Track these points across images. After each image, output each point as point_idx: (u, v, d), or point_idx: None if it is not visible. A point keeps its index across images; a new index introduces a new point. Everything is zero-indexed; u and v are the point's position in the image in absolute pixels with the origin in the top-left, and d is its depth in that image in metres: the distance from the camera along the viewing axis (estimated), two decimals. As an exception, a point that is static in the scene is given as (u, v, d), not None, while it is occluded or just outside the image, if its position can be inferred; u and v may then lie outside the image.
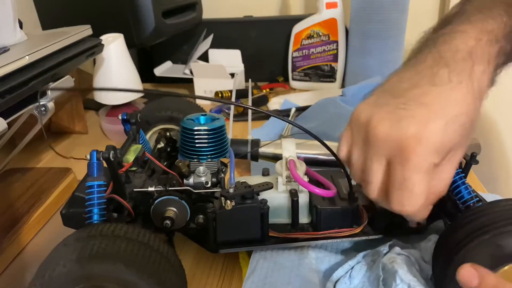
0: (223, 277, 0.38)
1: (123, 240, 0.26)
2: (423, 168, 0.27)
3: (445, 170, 0.29)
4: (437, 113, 0.27)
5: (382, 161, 0.28)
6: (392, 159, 0.27)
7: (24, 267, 0.41)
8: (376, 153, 0.28)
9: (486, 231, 0.29)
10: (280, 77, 0.88)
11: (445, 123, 0.26)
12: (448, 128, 0.27)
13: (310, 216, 0.38)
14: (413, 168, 0.26)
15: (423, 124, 0.26)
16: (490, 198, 0.35)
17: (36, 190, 0.48)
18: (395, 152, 0.27)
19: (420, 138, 0.26)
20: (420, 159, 0.26)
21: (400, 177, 0.27)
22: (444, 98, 0.27)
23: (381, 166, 0.28)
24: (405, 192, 0.27)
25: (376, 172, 0.28)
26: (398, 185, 0.27)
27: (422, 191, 0.27)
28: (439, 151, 0.27)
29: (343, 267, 0.35)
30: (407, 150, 0.26)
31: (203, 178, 0.35)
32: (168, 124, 0.45)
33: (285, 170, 0.37)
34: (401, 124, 0.27)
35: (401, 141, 0.26)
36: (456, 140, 0.27)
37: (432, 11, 0.93)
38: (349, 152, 0.31)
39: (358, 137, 0.29)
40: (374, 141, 0.28)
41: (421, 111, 0.27)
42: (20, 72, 0.42)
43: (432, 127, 0.26)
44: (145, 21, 0.69)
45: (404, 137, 0.26)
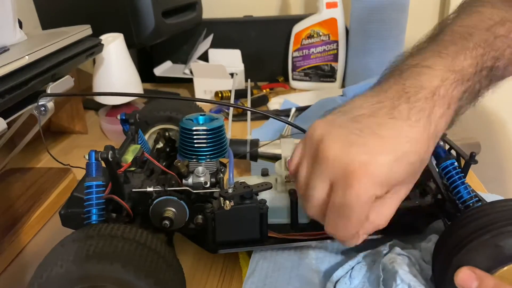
0: (223, 277, 0.38)
1: (120, 240, 0.26)
2: (364, 198, 0.26)
3: (386, 204, 0.29)
4: (389, 147, 0.26)
5: (326, 181, 0.28)
6: (335, 182, 0.27)
7: (24, 267, 0.41)
8: (322, 173, 0.28)
9: (485, 231, 0.28)
10: (280, 77, 0.88)
11: (395, 159, 0.26)
12: (396, 164, 0.26)
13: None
14: (354, 196, 0.26)
15: (372, 155, 0.26)
16: (490, 198, 0.35)
17: (35, 190, 0.48)
18: (340, 176, 0.26)
19: (367, 168, 0.26)
20: (362, 188, 0.26)
21: (339, 202, 0.27)
22: (399, 133, 0.27)
23: (324, 186, 0.28)
24: (341, 218, 0.27)
25: (318, 191, 0.28)
26: (336, 209, 0.27)
27: (358, 220, 0.27)
28: (383, 184, 0.26)
29: (343, 267, 0.35)
30: (352, 177, 0.26)
31: (202, 178, 0.35)
32: (167, 124, 0.45)
33: (284, 170, 0.37)
34: (351, 150, 0.26)
35: (347, 166, 0.26)
36: (402, 177, 0.27)
37: (432, 11, 0.93)
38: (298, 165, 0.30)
39: (308, 153, 0.29)
40: (322, 160, 0.27)
41: (374, 141, 0.26)
42: (20, 72, 0.42)
43: (381, 159, 0.26)
44: (145, 21, 0.69)
45: (351, 163, 0.26)
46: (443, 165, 0.35)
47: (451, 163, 0.35)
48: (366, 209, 0.27)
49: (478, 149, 0.51)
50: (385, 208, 0.29)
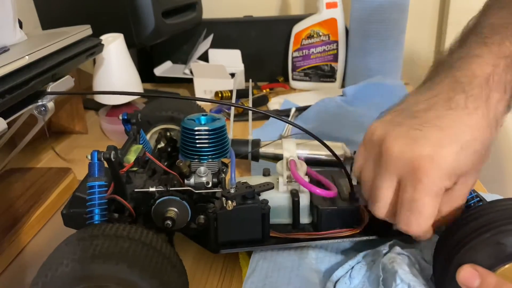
0: (223, 277, 0.38)
1: (126, 240, 0.26)
2: (434, 191, 0.27)
3: (456, 195, 0.29)
4: (452, 137, 0.27)
5: (393, 180, 0.28)
6: (403, 179, 0.27)
7: (24, 267, 0.41)
8: (388, 171, 0.28)
9: (486, 230, 0.29)
10: (280, 77, 0.88)
11: (460, 148, 0.26)
12: (462, 153, 0.27)
13: (311, 216, 0.38)
14: (424, 189, 0.26)
15: (437, 147, 0.26)
16: (490, 198, 0.35)
17: (36, 190, 0.48)
18: (407, 171, 0.27)
19: (433, 160, 0.26)
20: (432, 181, 0.26)
21: (410, 198, 0.27)
22: (459, 123, 0.27)
23: (391, 185, 0.28)
24: (414, 213, 0.27)
25: (386, 191, 0.28)
26: (407, 205, 0.27)
27: (431, 214, 0.27)
28: (451, 175, 0.27)
29: (343, 267, 0.35)
30: (420, 171, 0.26)
31: (204, 178, 0.35)
32: (169, 124, 0.45)
33: (286, 170, 0.37)
34: (415, 145, 0.27)
35: (414, 161, 0.26)
36: (468, 166, 0.27)
37: (432, 11, 0.93)
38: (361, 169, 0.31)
39: (371, 154, 0.29)
40: (387, 159, 0.28)
41: (437, 133, 0.27)
42: (20, 72, 0.42)
43: (447, 150, 0.26)
44: (145, 21, 0.69)
45: (418, 158, 0.26)
46: (444, 165, 0.35)
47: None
48: (438, 202, 0.27)
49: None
50: (456, 199, 0.29)
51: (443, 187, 0.27)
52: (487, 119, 0.27)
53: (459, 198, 0.29)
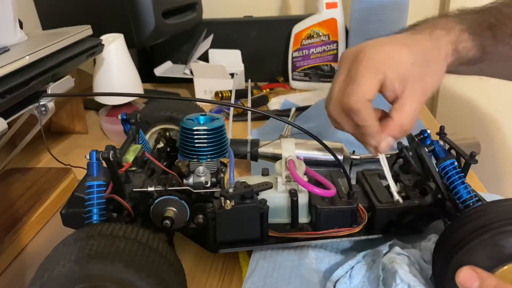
0: (223, 277, 0.38)
1: (122, 240, 0.26)
2: (372, 68, 0.33)
3: (406, 102, 0.34)
4: (398, 41, 0.35)
5: (344, 72, 0.35)
6: (351, 67, 0.34)
7: (24, 267, 0.41)
8: (341, 67, 0.35)
9: (485, 230, 0.29)
10: (280, 77, 0.88)
11: (400, 45, 0.34)
12: (402, 49, 0.34)
13: (310, 216, 0.38)
14: (363, 64, 0.33)
15: (383, 43, 0.34)
16: (490, 198, 0.35)
17: (36, 190, 0.48)
18: (354, 59, 0.34)
19: (376, 47, 0.34)
20: (371, 59, 0.33)
21: (353, 73, 0.33)
22: (408, 36, 0.36)
23: (342, 75, 0.35)
24: (352, 84, 0.33)
25: (337, 81, 0.35)
26: (350, 79, 0.33)
27: (366, 85, 0.33)
28: (389, 62, 0.33)
29: (343, 267, 0.35)
30: (362, 54, 0.33)
31: (202, 178, 0.35)
32: (168, 124, 0.45)
33: (285, 170, 0.37)
34: (365, 43, 0.34)
35: (360, 49, 0.34)
36: (408, 63, 0.33)
37: (432, 11, 0.93)
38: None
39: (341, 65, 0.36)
40: (342, 58, 0.36)
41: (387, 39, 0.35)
42: (20, 72, 0.42)
43: (389, 44, 0.34)
44: (145, 21, 0.69)
45: (363, 47, 0.34)
46: (443, 165, 0.35)
47: (451, 163, 0.35)
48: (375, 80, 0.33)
49: (478, 149, 0.51)
50: (407, 108, 0.34)
51: (380, 70, 0.32)
52: (431, 41, 0.35)
53: (409, 107, 0.34)
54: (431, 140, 0.38)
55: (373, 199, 0.37)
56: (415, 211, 0.37)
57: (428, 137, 0.38)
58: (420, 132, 0.39)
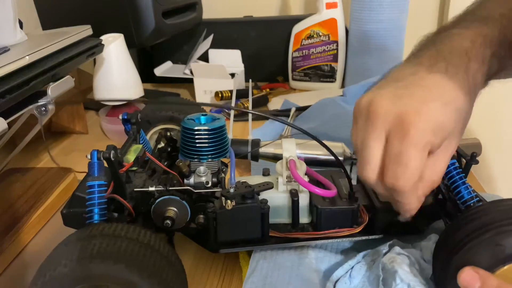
0: (223, 277, 0.38)
1: (124, 240, 0.26)
2: (420, 144, 0.27)
3: (439, 159, 0.30)
4: (435, 95, 0.28)
5: (381, 137, 0.29)
6: (390, 134, 0.28)
7: (24, 267, 0.41)
8: (375, 129, 0.29)
9: (486, 230, 0.29)
10: (280, 77, 0.88)
11: (443, 104, 0.28)
12: (446, 109, 0.28)
13: (311, 216, 0.38)
14: (410, 142, 0.27)
15: (423, 102, 0.28)
16: (490, 198, 0.35)
17: (36, 190, 0.48)
18: (394, 126, 0.28)
19: (419, 113, 0.27)
20: (418, 133, 0.27)
21: (397, 151, 0.28)
22: (441, 83, 0.29)
23: (379, 142, 0.29)
24: (400, 166, 0.28)
25: (374, 150, 0.29)
26: (394, 159, 0.28)
27: (417, 167, 0.28)
28: (436, 130, 0.28)
29: (343, 267, 0.35)
30: (407, 123, 0.27)
31: (203, 178, 0.35)
32: (169, 124, 0.45)
33: (286, 170, 0.37)
34: (401, 101, 0.28)
35: (401, 115, 0.27)
36: (451, 125, 0.29)
37: (432, 11, 0.93)
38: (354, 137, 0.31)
39: (360, 119, 0.30)
40: (374, 117, 0.29)
41: (421, 91, 0.28)
42: (20, 72, 0.42)
43: (432, 105, 0.28)
44: (145, 21, 0.69)
45: (404, 112, 0.27)
46: (443, 165, 0.35)
47: (452, 163, 0.35)
48: (424, 157, 0.28)
49: (479, 149, 0.51)
50: (438, 163, 0.30)
51: (429, 142, 0.28)
52: (467, 84, 0.29)
53: (442, 163, 0.30)
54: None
55: (374, 199, 0.37)
56: (416, 211, 0.37)
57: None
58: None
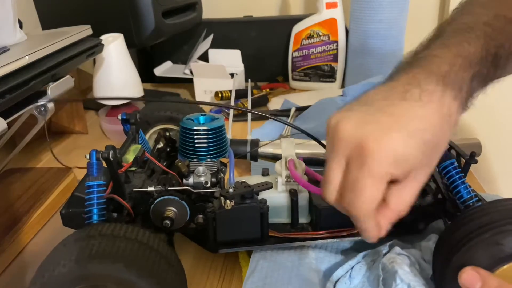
0: (223, 277, 0.38)
1: (123, 240, 0.26)
2: (377, 174, 0.26)
3: (406, 190, 0.28)
4: (401, 124, 0.27)
5: (341, 161, 0.28)
6: (350, 160, 0.27)
7: (24, 267, 0.41)
8: (337, 153, 0.28)
9: (485, 230, 0.29)
10: (280, 77, 0.88)
11: (408, 135, 0.26)
12: (410, 141, 0.26)
13: (310, 215, 0.38)
14: (367, 171, 0.26)
15: (386, 131, 0.26)
16: (490, 198, 0.35)
17: (36, 190, 0.48)
18: (354, 152, 0.27)
19: (380, 142, 0.26)
20: (375, 164, 0.26)
21: (353, 178, 0.27)
22: (411, 112, 0.27)
23: (340, 166, 0.28)
24: (355, 193, 0.27)
25: (334, 172, 0.28)
26: (350, 186, 0.27)
27: (372, 197, 0.27)
28: (397, 162, 0.26)
29: (343, 267, 0.35)
30: (365, 152, 0.26)
31: (202, 178, 0.35)
32: (168, 124, 0.45)
33: (285, 170, 0.37)
34: (365, 127, 0.27)
35: (361, 142, 0.27)
36: (417, 157, 0.27)
37: (432, 11, 0.93)
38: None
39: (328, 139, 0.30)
40: (337, 140, 0.28)
41: (387, 119, 0.27)
42: (20, 72, 0.42)
43: (395, 135, 0.26)
44: (145, 21, 0.69)
45: (365, 139, 0.26)
46: (443, 164, 0.35)
47: (451, 162, 0.35)
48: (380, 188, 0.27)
49: (479, 149, 0.51)
50: (405, 193, 0.29)
51: (387, 173, 0.27)
52: (440, 114, 0.27)
53: (408, 193, 0.29)
54: (431, 140, 0.38)
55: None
56: (415, 211, 0.36)
57: (428, 137, 0.38)
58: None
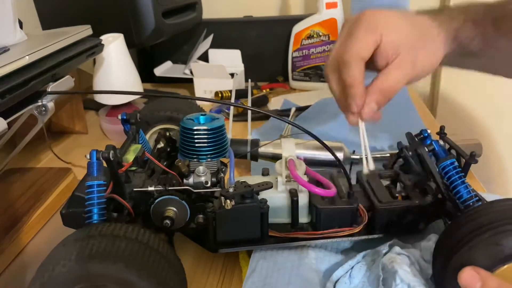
0: (223, 277, 0.38)
1: (123, 239, 0.26)
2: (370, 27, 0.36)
3: (393, 70, 0.36)
4: (402, 12, 0.37)
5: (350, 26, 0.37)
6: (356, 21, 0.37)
7: (24, 267, 0.41)
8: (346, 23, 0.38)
9: (485, 230, 0.29)
10: (280, 77, 0.88)
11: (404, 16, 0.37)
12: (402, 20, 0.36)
13: (310, 215, 0.38)
14: (365, 23, 0.36)
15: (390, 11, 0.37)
16: (490, 198, 0.35)
17: (36, 190, 0.48)
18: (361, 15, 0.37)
19: (383, 12, 0.37)
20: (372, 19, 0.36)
21: (351, 31, 0.37)
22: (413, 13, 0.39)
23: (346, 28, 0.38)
24: (351, 39, 0.36)
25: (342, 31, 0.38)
26: (348, 33, 0.37)
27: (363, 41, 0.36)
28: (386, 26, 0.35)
29: (343, 267, 0.35)
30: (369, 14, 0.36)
31: (202, 177, 0.35)
32: (168, 124, 0.45)
33: (285, 170, 0.37)
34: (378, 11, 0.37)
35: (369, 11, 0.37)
36: (402, 34, 0.36)
37: (432, 11, 0.93)
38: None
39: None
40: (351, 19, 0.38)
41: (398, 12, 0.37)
42: (20, 72, 0.42)
43: (394, 13, 0.36)
44: (145, 21, 0.69)
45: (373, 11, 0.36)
46: (443, 164, 0.35)
47: (451, 162, 0.35)
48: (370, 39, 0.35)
49: (480, 149, 0.51)
50: (392, 73, 0.36)
51: (376, 29, 0.35)
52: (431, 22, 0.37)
53: (393, 76, 0.36)
54: (431, 140, 0.38)
55: (373, 199, 0.37)
56: (416, 211, 0.37)
57: (428, 137, 0.38)
58: (420, 131, 0.39)
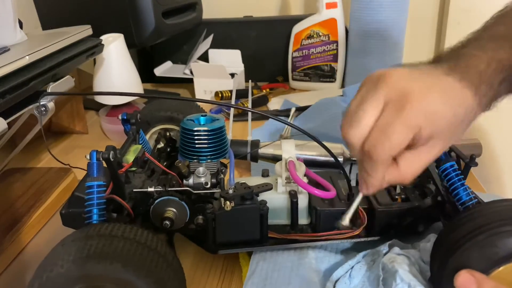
0: (223, 277, 0.38)
1: (121, 240, 0.26)
2: (410, 123, 0.28)
3: (419, 155, 0.30)
4: (443, 90, 0.29)
5: (379, 105, 0.29)
6: (388, 104, 0.29)
7: (24, 267, 0.41)
8: (379, 96, 0.29)
9: (481, 231, 0.29)
10: (280, 77, 0.88)
11: (448, 98, 0.29)
12: (447, 104, 0.29)
13: (310, 217, 0.38)
14: (403, 117, 0.28)
15: (429, 88, 0.29)
16: (489, 198, 0.35)
17: (36, 190, 0.48)
18: (395, 97, 0.28)
19: (422, 96, 0.28)
20: (412, 112, 0.28)
21: (387, 121, 0.28)
22: (452, 85, 0.30)
23: (377, 108, 0.29)
24: (383, 135, 0.28)
25: (369, 111, 0.29)
26: (381, 127, 0.29)
27: (398, 142, 0.28)
28: (429, 118, 0.28)
29: (343, 267, 0.35)
30: (406, 99, 0.28)
31: (202, 178, 0.35)
32: (168, 125, 0.45)
33: (285, 171, 0.37)
34: (412, 81, 0.29)
35: (405, 90, 0.28)
36: (446, 121, 0.29)
37: (432, 11, 0.93)
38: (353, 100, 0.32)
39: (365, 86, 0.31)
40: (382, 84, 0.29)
41: (432, 81, 0.29)
42: (20, 72, 0.42)
43: (436, 94, 0.29)
44: (145, 21, 0.69)
45: (410, 89, 0.28)
46: (443, 167, 0.35)
47: (451, 165, 0.35)
48: (407, 136, 0.28)
49: (480, 150, 0.51)
50: (417, 159, 0.30)
51: (418, 125, 0.28)
52: (476, 99, 0.30)
53: (420, 160, 0.30)
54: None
55: (373, 201, 0.37)
56: (415, 213, 0.37)
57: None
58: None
